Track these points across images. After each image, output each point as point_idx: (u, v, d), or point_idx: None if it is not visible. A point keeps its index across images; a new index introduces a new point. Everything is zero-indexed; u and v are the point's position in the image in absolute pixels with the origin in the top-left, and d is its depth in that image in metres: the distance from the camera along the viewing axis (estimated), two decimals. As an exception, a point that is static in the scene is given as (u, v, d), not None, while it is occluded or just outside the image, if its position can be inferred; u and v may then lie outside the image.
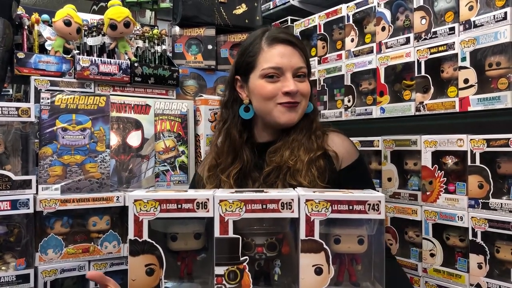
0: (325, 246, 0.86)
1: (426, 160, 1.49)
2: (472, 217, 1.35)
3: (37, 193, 1.52)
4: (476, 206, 1.35)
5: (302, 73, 1.27)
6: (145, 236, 0.84)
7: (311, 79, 1.35)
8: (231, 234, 0.84)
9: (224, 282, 0.84)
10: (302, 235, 0.85)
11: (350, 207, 0.86)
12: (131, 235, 0.84)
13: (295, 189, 0.94)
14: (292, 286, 0.87)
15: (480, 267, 1.34)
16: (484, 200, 1.33)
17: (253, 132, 1.35)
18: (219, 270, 0.84)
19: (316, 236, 0.85)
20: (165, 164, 1.83)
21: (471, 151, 1.36)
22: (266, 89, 1.25)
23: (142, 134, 1.79)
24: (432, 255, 1.48)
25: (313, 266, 0.86)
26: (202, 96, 1.95)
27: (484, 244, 1.33)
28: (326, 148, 1.26)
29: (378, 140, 1.66)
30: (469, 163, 1.36)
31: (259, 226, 0.89)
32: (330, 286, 0.86)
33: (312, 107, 1.34)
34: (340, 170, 1.25)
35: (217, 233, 0.84)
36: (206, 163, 1.38)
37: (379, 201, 0.86)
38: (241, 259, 0.85)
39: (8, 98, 2.61)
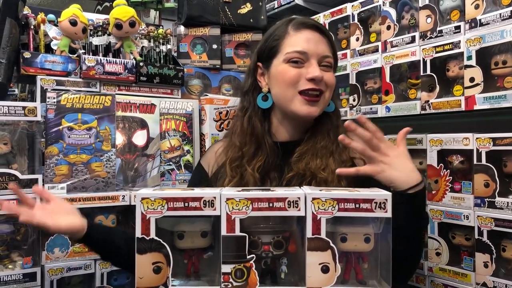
0: (331, 244, 0.86)
1: (432, 159, 1.48)
2: (478, 216, 1.35)
3: (43, 192, 1.52)
4: (482, 205, 1.35)
5: (328, 62, 1.21)
6: (152, 234, 0.85)
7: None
8: (237, 232, 0.85)
9: (231, 280, 0.84)
10: (309, 233, 0.85)
11: (357, 206, 0.86)
12: (138, 233, 0.84)
13: (301, 187, 0.94)
14: (299, 284, 0.87)
15: (486, 266, 1.33)
16: (490, 199, 1.33)
17: (271, 127, 1.27)
18: (226, 268, 0.85)
19: (323, 234, 0.85)
20: (171, 163, 1.84)
21: (477, 149, 1.35)
22: (289, 73, 1.18)
23: (147, 133, 1.79)
24: (438, 254, 1.47)
25: (319, 264, 0.86)
26: (207, 95, 1.95)
27: (490, 243, 1.33)
28: (352, 156, 1.21)
29: (384, 139, 1.66)
30: (475, 162, 1.36)
31: (266, 224, 0.89)
32: (336, 284, 0.86)
33: (334, 107, 1.28)
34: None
35: (224, 231, 0.85)
36: (217, 153, 1.30)
37: (386, 200, 0.86)
38: (248, 257, 0.85)
39: (13, 98, 2.62)
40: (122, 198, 1.62)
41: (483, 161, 1.34)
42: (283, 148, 1.25)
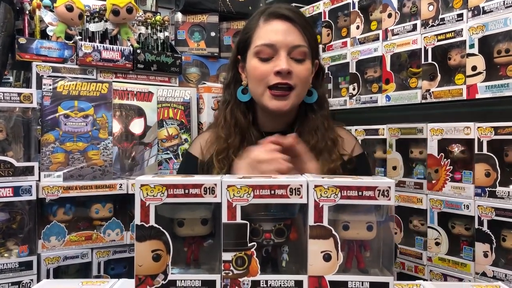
0: (333, 232, 0.84)
1: (432, 148, 1.47)
2: (478, 206, 1.34)
3: (39, 180, 1.50)
4: (482, 195, 1.34)
5: (300, 53, 1.14)
6: (152, 222, 0.83)
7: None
8: (238, 219, 0.83)
9: (231, 268, 0.83)
10: (311, 221, 0.84)
11: (360, 193, 0.84)
12: (137, 221, 0.83)
13: (304, 174, 0.92)
14: (300, 272, 0.86)
15: (486, 255, 1.33)
16: (491, 189, 1.32)
17: (257, 117, 1.25)
18: (227, 256, 0.83)
19: (325, 222, 0.84)
20: (168, 152, 1.82)
21: (478, 139, 1.34)
22: (258, 69, 1.14)
23: (144, 122, 1.77)
24: (437, 243, 1.47)
25: (321, 252, 0.84)
26: (205, 83, 1.93)
27: (490, 233, 1.32)
28: (342, 153, 1.20)
29: (383, 129, 1.65)
30: (476, 151, 1.35)
31: (267, 212, 0.88)
32: (338, 272, 0.85)
33: (316, 97, 1.22)
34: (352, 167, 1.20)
35: (224, 219, 0.83)
36: (205, 142, 1.27)
37: (389, 187, 0.84)
38: (249, 245, 0.83)
39: (8, 86, 2.58)
40: (119, 187, 1.60)
41: (484, 151, 1.33)
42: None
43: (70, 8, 1.67)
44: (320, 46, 1.97)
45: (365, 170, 1.25)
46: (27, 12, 1.69)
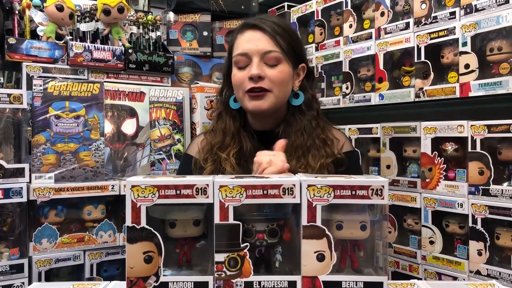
0: (327, 232, 0.84)
1: (426, 146, 1.47)
2: (472, 204, 1.34)
3: (30, 181, 1.48)
4: (476, 193, 1.34)
5: (272, 58, 1.22)
6: (143, 223, 0.82)
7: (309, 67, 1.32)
8: (231, 220, 0.82)
9: (224, 269, 0.82)
10: (304, 221, 0.83)
11: (353, 192, 0.84)
12: (128, 222, 0.82)
13: (297, 174, 0.92)
14: (294, 273, 0.85)
15: (480, 254, 1.33)
16: (484, 187, 1.32)
17: (247, 120, 1.34)
18: (219, 257, 0.82)
19: (318, 222, 0.83)
20: (161, 152, 1.81)
21: (472, 137, 1.34)
22: (236, 76, 1.25)
23: (137, 122, 1.76)
24: (431, 242, 1.47)
25: (315, 252, 0.84)
26: (197, 83, 1.92)
27: (484, 231, 1.32)
28: (336, 153, 1.25)
29: (377, 127, 1.64)
30: (469, 150, 1.35)
31: (260, 212, 0.87)
32: (332, 272, 0.84)
33: (303, 100, 1.28)
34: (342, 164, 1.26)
35: (217, 220, 0.82)
36: (200, 145, 1.36)
37: (383, 186, 0.83)
38: (242, 245, 0.83)
39: (-1, 87, 2.56)
40: (112, 188, 1.58)
41: (478, 149, 1.33)
42: (261, 136, 1.31)
43: (60, 8, 1.65)
44: (313, 45, 1.97)
45: (354, 167, 1.32)
46: (17, 12, 1.67)
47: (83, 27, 1.78)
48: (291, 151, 1.22)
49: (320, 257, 0.84)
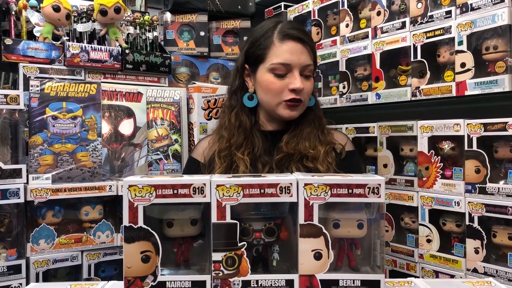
0: (324, 230, 0.84)
1: (422, 145, 1.48)
2: (469, 202, 1.35)
3: (27, 182, 1.48)
4: (473, 191, 1.34)
5: (309, 71, 1.32)
6: (140, 223, 0.82)
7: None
8: (228, 219, 0.83)
9: (222, 268, 0.83)
10: (301, 219, 0.84)
11: (350, 191, 0.84)
12: (126, 222, 0.82)
13: (293, 173, 0.92)
14: (291, 271, 0.85)
15: (477, 252, 1.33)
16: (481, 185, 1.32)
17: (258, 119, 1.39)
18: (217, 256, 0.83)
19: (315, 221, 0.84)
20: (158, 152, 1.80)
21: (468, 135, 1.35)
22: (275, 85, 1.29)
23: (134, 122, 1.75)
24: (428, 241, 1.47)
25: (312, 251, 0.84)
26: (195, 83, 1.92)
27: (481, 229, 1.33)
28: (333, 142, 1.37)
29: (374, 127, 1.65)
30: (466, 148, 1.35)
31: (257, 211, 0.87)
32: (329, 271, 0.85)
33: (314, 101, 1.40)
34: (343, 158, 1.36)
35: (214, 219, 0.82)
36: (207, 145, 1.40)
37: (379, 184, 0.84)
38: (239, 244, 0.83)
39: (-4, 88, 2.55)
40: (109, 188, 1.58)
41: (474, 147, 1.34)
42: (271, 136, 1.37)
43: (57, 9, 1.65)
44: (310, 45, 1.97)
45: (356, 167, 1.40)
46: (13, 12, 1.66)
47: (80, 27, 1.77)
48: (302, 135, 1.33)
49: (317, 256, 0.84)
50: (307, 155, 1.28)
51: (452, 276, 1.40)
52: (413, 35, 1.53)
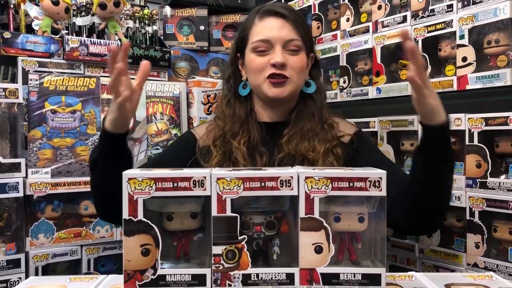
0: (325, 224, 0.84)
1: (423, 140, 1.47)
2: (469, 197, 1.34)
3: (26, 176, 1.48)
4: (473, 186, 1.34)
5: (294, 46, 1.24)
6: (140, 216, 0.81)
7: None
8: (229, 213, 0.82)
9: (222, 261, 0.82)
10: (302, 213, 0.83)
11: (351, 184, 0.84)
12: (125, 215, 0.81)
13: (294, 166, 0.91)
14: (291, 265, 0.85)
15: (477, 246, 1.33)
16: (482, 180, 1.32)
17: (255, 111, 1.33)
18: (217, 249, 0.82)
19: (316, 214, 0.83)
20: (158, 147, 1.80)
21: (469, 130, 1.34)
22: (255, 62, 1.24)
23: (133, 117, 1.75)
24: (429, 235, 1.47)
25: (313, 244, 0.83)
26: (194, 78, 1.91)
27: (481, 224, 1.32)
28: (339, 135, 1.28)
29: (374, 121, 1.64)
30: (467, 142, 1.35)
31: (258, 204, 0.87)
32: (330, 264, 0.84)
33: (315, 88, 1.33)
34: (356, 146, 1.28)
35: (214, 212, 0.82)
36: (205, 130, 1.32)
37: (381, 178, 0.83)
38: (239, 238, 0.82)
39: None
40: (109, 183, 1.58)
41: (475, 142, 1.33)
42: (268, 128, 1.30)
43: (56, 2, 1.64)
44: (310, 39, 1.96)
45: (367, 144, 1.34)
46: (12, 6, 1.66)
47: (79, 21, 1.77)
48: (302, 134, 1.26)
49: (318, 249, 0.83)
50: (307, 157, 1.23)
51: (452, 271, 1.39)
52: (414, 29, 1.52)
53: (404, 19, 1.56)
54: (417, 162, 1.11)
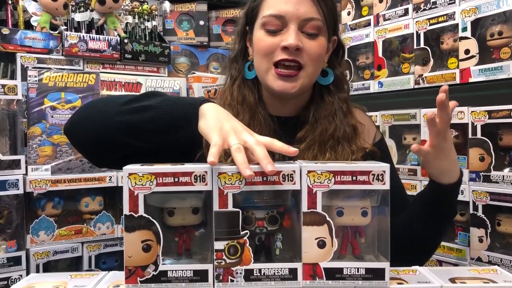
0: (328, 218, 0.82)
1: (426, 134, 1.45)
2: (473, 191, 1.33)
3: (26, 173, 1.47)
4: (477, 179, 1.33)
5: (312, 28, 0.98)
6: (141, 211, 0.80)
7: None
8: (230, 208, 0.81)
9: (224, 257, 0.81)
10: (304, 207, 0.82)
11: (354, 178, 0.82)
12: (126, 211, 0.80)
13: (296, 160, 0.90)
14: (294, 260, 0.84)
15: (481, 240, 1.32)
16: (485, 173, 1.31)
17: (263, 99, 1.07)
18: (219, 245, 0.81)
19: (319, 209, 0.82)
20: (158, 143, 1.79)
21: (472, 123, 1.33)
22: (263, 42, 0.99)
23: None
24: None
25: (315, 239, 0.82)
26: (194, 73, 1.90)
27: (485, 218, 1.31)
28: (364, 145, 1.06)
29: (376, 116, 1.63)
30: (470, 136, 1.34)
31: (260, 199, 0.86)
32: (333, 259, 0.83)
33: (332, 78, 1.06)
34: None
35: (216, 207, 0.81)
36: None
37: (384, 171, 0.82)
38: (242, 233, 0.81)
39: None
40: (109, 179, 1.57)
41: (478, 135, 1.32)
42: (280, 123, 1.06)
43: (54, -2, 1.63)
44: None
45: (385, 159, 1.11)
46: (10, 2, 1.64)
47: (78, 17, 1.76)
48: (321, 141, 1.03)
49: (321, 244, 0.82)
50: None
51: (456, 266, 1.39)
52: (416, 22, 1.50)
53: (406, 12, 1.54)
54: (417, 209, 1.04)
